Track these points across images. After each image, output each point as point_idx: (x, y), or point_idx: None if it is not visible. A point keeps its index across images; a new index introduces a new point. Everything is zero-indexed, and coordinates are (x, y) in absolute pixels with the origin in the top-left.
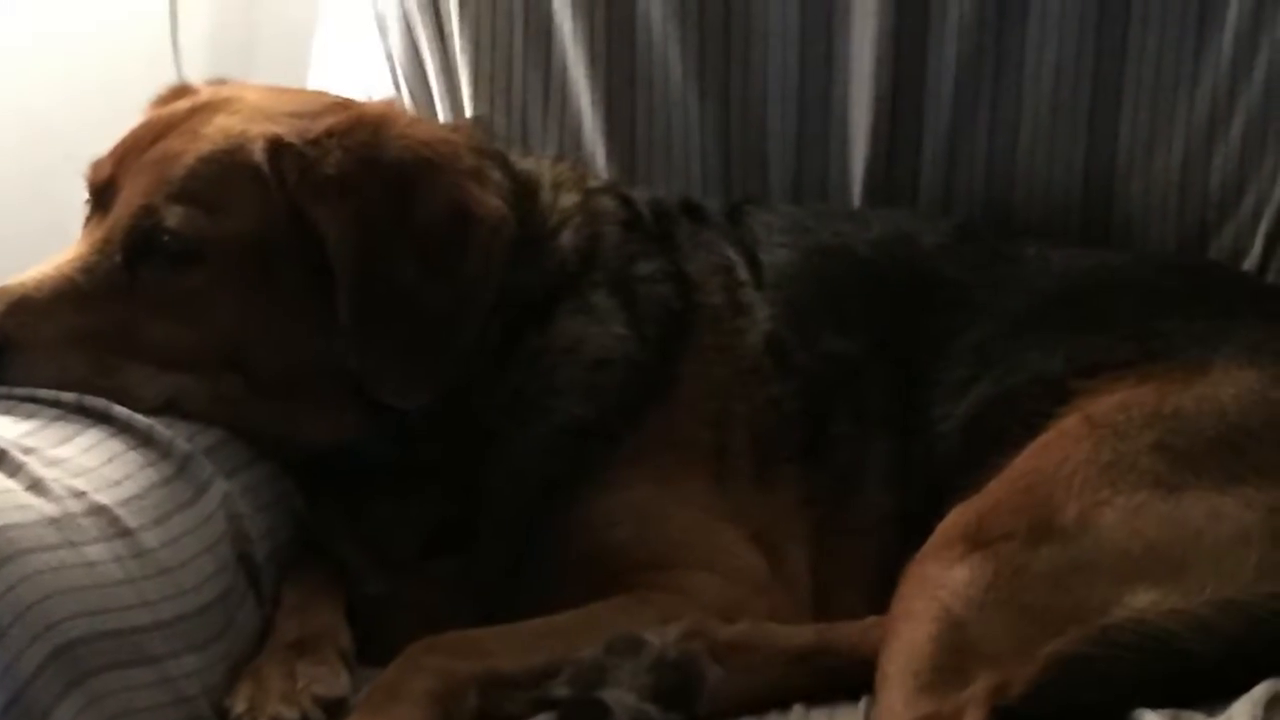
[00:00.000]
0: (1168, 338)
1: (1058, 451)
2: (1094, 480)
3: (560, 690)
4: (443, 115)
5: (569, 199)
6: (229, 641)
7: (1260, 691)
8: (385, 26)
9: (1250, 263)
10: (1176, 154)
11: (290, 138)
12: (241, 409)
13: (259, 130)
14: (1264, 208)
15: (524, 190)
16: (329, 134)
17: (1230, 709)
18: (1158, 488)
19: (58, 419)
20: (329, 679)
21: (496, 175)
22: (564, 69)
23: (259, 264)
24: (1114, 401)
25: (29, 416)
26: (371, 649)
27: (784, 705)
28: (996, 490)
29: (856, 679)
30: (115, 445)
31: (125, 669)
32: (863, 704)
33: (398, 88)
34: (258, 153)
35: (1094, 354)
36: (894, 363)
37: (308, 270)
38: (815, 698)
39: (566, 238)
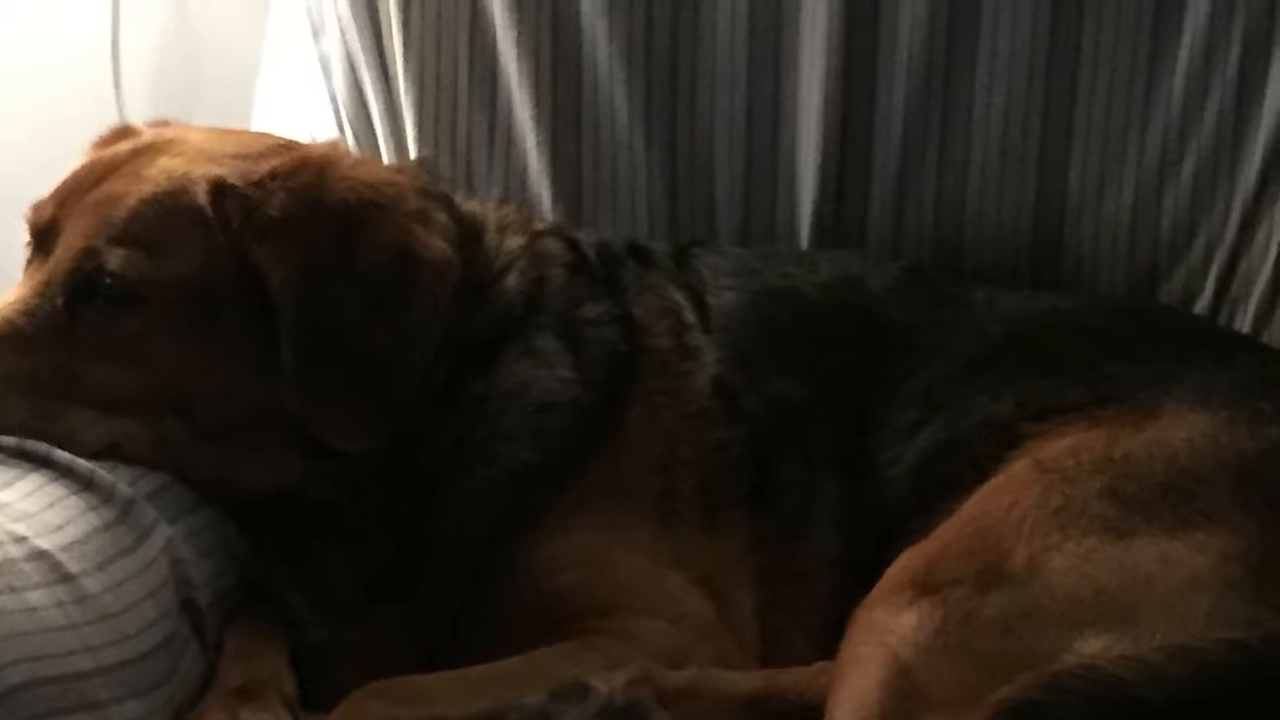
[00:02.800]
0: (1118, 381)
1: (1007, 496)
2: (1044, 525)
3: None
4: (387, 157)
5: (514, 242)
6: (172, 687)
7: None
8: (329, 68)
9: (1201, 305)
10: (1127, 196)
11: (234, 180)
12: (184, 453)
13: (202, 172)
14: (1215, 251)
15: (469, 233)
16: (273, 176)
17: None
18: (1108, 533)
19: None
20: None
21: (441, 218)
22: (509, 111)
23: (201, 307)
24: (1064, 446)
25: None
26: (316, 694)
27: None
28: (945, 535)
29: None
30: (56, 490)
31: (68, 715)
32: None
33: (341, 129)
34: (200, 195)
35: (1044, 398)
36: (842, 406)
37: (251, 313)
38: None
39: (512, 281)
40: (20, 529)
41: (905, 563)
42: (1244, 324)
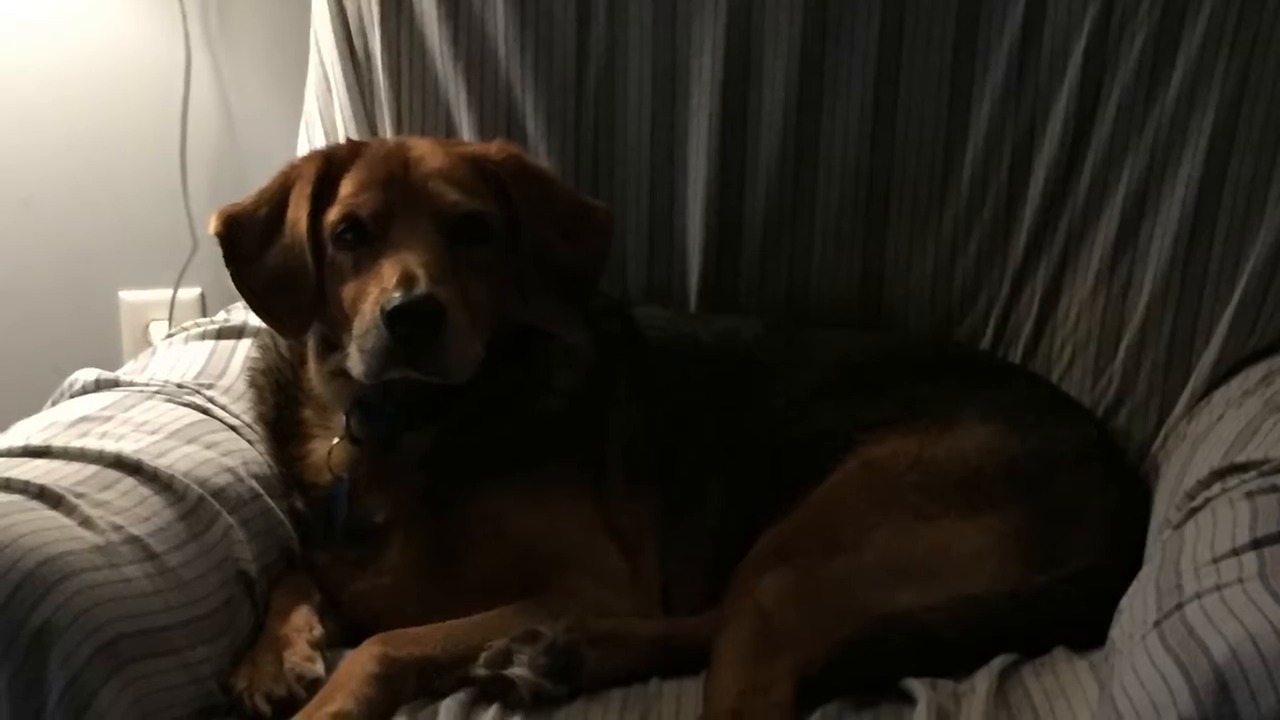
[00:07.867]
0: (924, 401)
1: (843, 488)
2: (870, 510)
3: (479, 670)
4: None
5: None
6: (232, 636)
7: (996, 664)
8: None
9: (984, 345)
10: (928, 267)
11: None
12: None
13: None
14: (993, 306)
15: None
16: (491, 153)
17: (973, 677)
18: (917, 516)
19: (101, 470)
20: (307, 664)
21: None
22: None
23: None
24: (885, 450)
25: (81, 467)
26: (353, 638)
27: (644, 679)
28: (797, 516)
29: (698, 659)
30: (144, 491)
31: (155, 658)
32: (702, 677)
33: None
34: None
35: (870, 413)
36: (724, 417)
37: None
38: (668, 673)
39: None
40: (118, 520)
41: (768, 540)
42: (1015, 358)
